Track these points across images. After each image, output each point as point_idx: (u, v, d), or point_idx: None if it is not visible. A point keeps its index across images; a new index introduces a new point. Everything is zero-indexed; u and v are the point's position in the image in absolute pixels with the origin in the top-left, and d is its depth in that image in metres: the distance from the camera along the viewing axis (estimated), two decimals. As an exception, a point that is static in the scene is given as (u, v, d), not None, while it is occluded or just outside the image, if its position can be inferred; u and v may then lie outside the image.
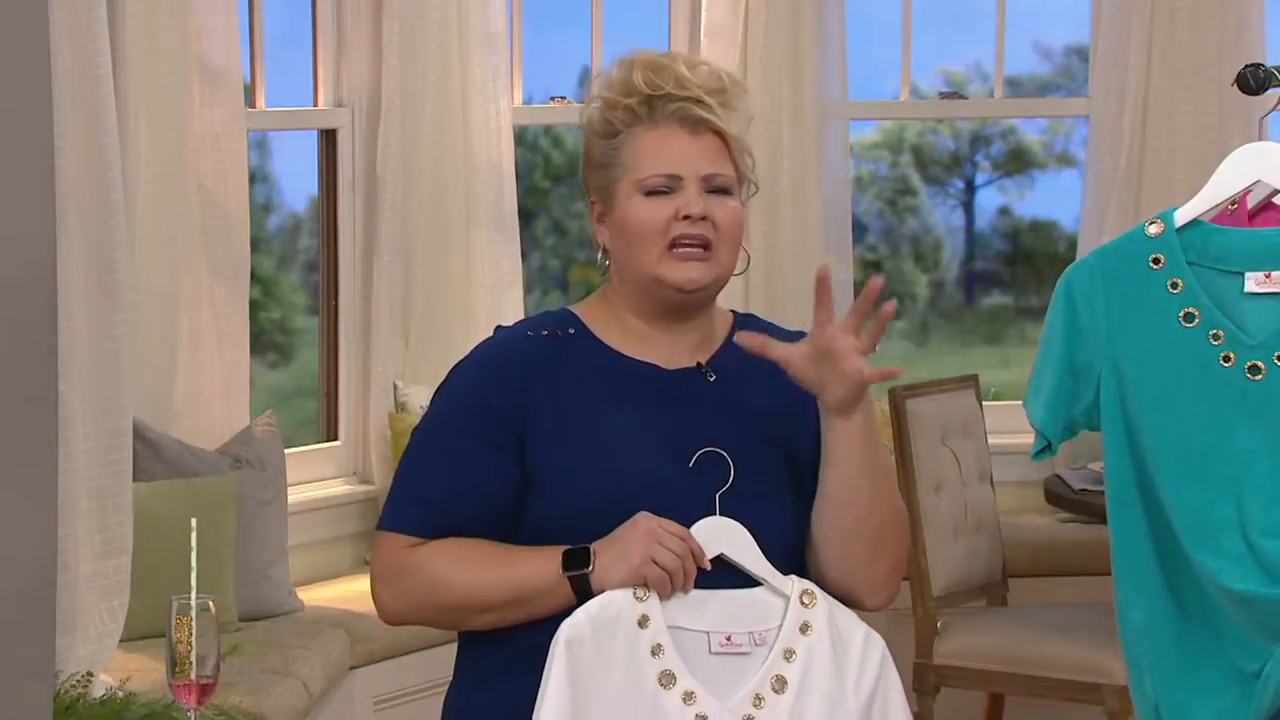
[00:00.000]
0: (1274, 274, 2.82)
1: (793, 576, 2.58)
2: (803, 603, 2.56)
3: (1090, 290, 2.88)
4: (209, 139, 4.90)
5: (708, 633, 2.54)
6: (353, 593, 4.98)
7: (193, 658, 2.90)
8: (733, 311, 2.77)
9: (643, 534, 2.52)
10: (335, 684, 4.66)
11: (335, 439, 5.49)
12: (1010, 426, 5.29)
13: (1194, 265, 2.85)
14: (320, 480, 5.41)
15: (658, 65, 2.64)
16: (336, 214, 5.49)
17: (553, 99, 5.86)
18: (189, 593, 2.91)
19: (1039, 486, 5.41)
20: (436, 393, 2.69)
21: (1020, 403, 3.01)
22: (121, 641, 4.25)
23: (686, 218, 2.60)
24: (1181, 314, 2.84)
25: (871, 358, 2.57)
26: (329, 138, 5.49)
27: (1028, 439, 3.03)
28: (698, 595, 2.54)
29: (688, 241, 2.60)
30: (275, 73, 5.41)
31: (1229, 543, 2.79)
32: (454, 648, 2.72)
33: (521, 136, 5.83)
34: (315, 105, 5.48)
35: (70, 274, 4.03)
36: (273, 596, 4.82)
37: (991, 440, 5.21)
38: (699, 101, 2.62)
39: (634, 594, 2.52)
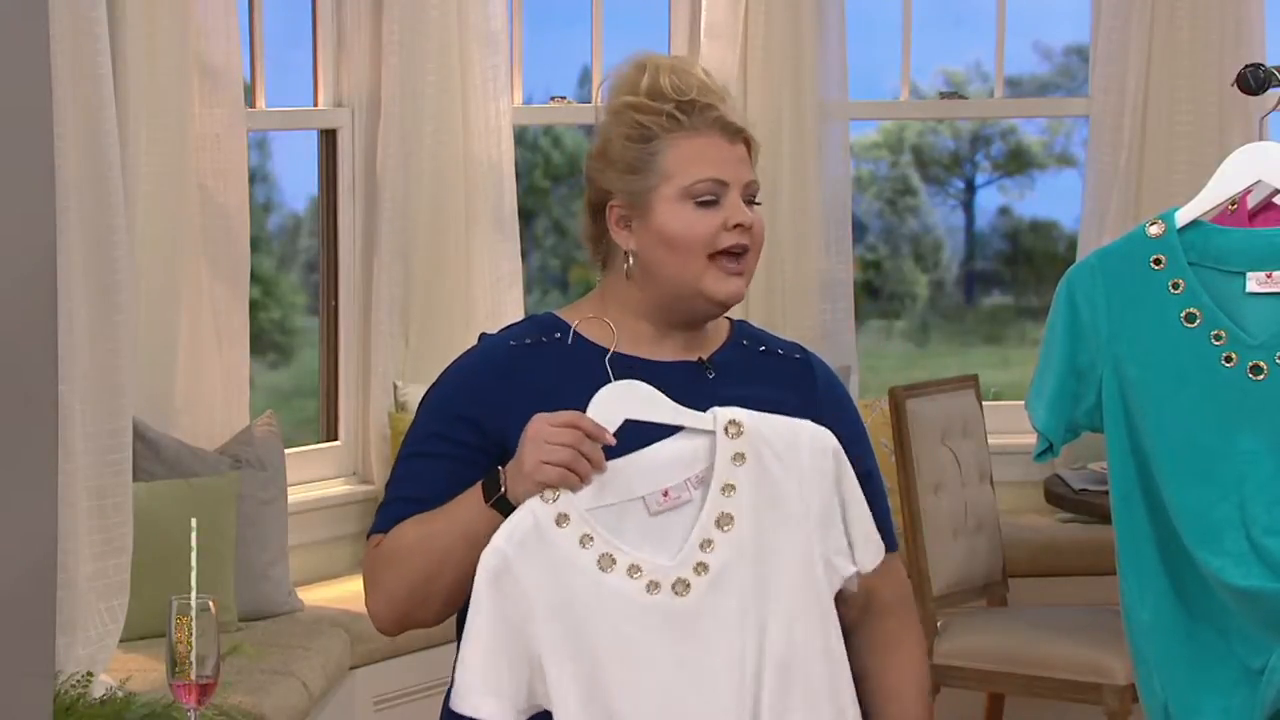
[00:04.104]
0: (1275, 274, 2.81)
1: (714, 409, 2.50)
2: (728, 434, 2.48)
3: (1091, 291, 2.87)
4: (209, 139, 4.91)
5: (642, 498, 2.46)
6: (352, 593, 4.97)
7: (193, 658, 2.90)
8: (728, 317, 2.76)
9: (530, 440, 2.46)
10: (335, 684, 4.66)
11: (335, 439, 5.49)
12: (1010, 426, 5.29)
13: (1195, 266, 2.84)
14: (320, 480, 5.41)
15: (680, 70, 2.63)
16: (336, 214, 5.49)
17: (553, 99, 5.86)
18: (189, 593, 2.90)
19: (1039, 486, 5.41)
20: (420, 404, 2.69)
21: (1020, 403, 3.01)
22: (121, 641, 4.25)
23: (737, 226, 2.59)
24: (1183, 314, 2.83)
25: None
26: (329, 138, 5.49)
27: (1028, 439, 3.03)
28: (615, 466, 2.45)
29: (736, 250, 2.59)
30: (275, 73, 5.41)
31: (1231, 542, 2.79)
32: (454, 648, 2.71)
33: (521, 136, 5.83)
34: (315, 105, 5.48)
35: (70, 274, 4.03)
36: (273, 596, 4.82)
37: (991, 440, 5.21)
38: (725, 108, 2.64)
39: (541, 498, 2.44)
